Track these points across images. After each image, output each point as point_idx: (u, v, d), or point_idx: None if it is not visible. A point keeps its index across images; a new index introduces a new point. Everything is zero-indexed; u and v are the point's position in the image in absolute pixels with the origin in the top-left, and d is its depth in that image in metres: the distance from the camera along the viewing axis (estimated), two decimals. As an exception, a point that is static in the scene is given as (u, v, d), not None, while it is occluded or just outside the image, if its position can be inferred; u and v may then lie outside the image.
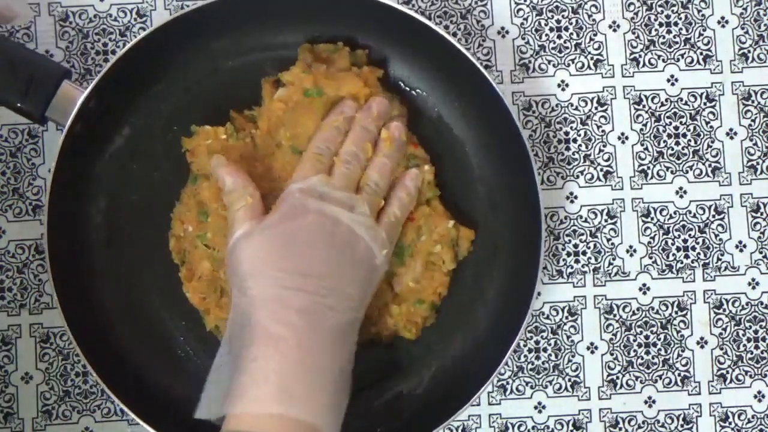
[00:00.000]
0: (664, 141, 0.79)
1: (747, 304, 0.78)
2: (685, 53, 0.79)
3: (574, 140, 0.79)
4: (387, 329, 0.74)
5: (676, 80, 0.79)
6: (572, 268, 0.78)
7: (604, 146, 0.79)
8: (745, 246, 0.78)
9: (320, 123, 0.72)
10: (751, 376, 0.78)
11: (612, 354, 0.78)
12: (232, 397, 0.62)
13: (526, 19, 0.79)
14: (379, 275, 0.69)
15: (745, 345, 0.78)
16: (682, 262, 0.78)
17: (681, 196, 0.79)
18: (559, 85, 0.79)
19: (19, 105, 0.68)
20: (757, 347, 0.78)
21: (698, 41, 0.79)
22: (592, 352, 0.78)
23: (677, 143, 0.79)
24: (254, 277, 0.65)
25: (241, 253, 0.66)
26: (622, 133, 0.79)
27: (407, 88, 0.76)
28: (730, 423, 0.78)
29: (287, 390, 0.62)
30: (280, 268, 0.65)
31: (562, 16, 0.79)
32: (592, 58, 0.79)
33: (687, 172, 0.79)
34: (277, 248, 0.66)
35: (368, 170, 0.71)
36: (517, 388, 0.78)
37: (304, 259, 0.65)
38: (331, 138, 0.70)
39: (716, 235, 0.78)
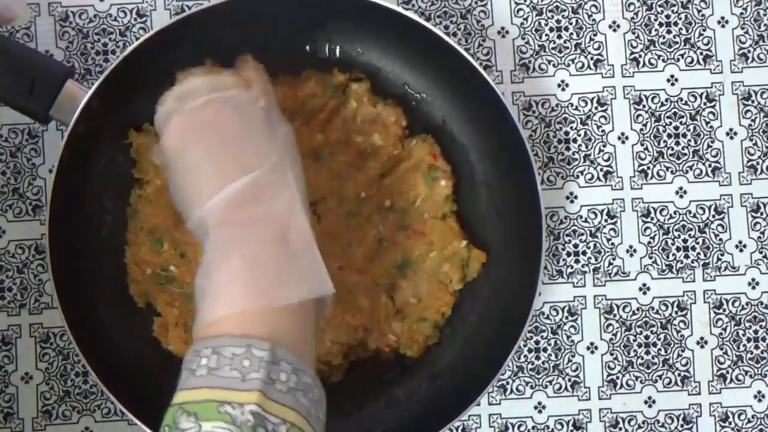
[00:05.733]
0: (664, 141, 0.79)
1: (747, 304, 0.78)
2: (685, 53, 0.79)
3: (574, 140, 0.79)
4: (388, 346, 0.74)
5: (676, 80, 0.79)
6: (572, 268, 0.78)
7: (604, 146, 0.79)
8: (745, 246, 0.79)
9: None
10: (751, 376, 0.78)
11: (612, 354, 0.78)
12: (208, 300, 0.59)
13: (526, 19, 0.79)
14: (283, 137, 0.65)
15: (745, 345, 0.78)
16: (682, 262, 0.78)
17: (681, 196, 0.79)
18: (559, 85, 0.79)
19: (23, 105, 0.68)
20: (757, 347, 0.78)
21: (698, 41, 0.79)
22: (592, 352, 0.78)
23: (677, 143, 0.79)
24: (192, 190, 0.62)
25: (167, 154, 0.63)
26: (622, 133, 0.79)
27: (411, 92, 0.76)
28: (730, 423, 0.78)
29: (263, 286, 0.59)
30: (215, 172, 0.61)
31: (562, 16, 0.79)
32: (592, 58, 0.79)
33: (687, 172, 0.79)
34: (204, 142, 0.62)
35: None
36: (517, 388, 0.78)
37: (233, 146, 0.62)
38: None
39: (716, 235, 0.79)
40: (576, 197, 0.78)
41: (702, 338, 0.78)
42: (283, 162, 0.63)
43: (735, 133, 0.79)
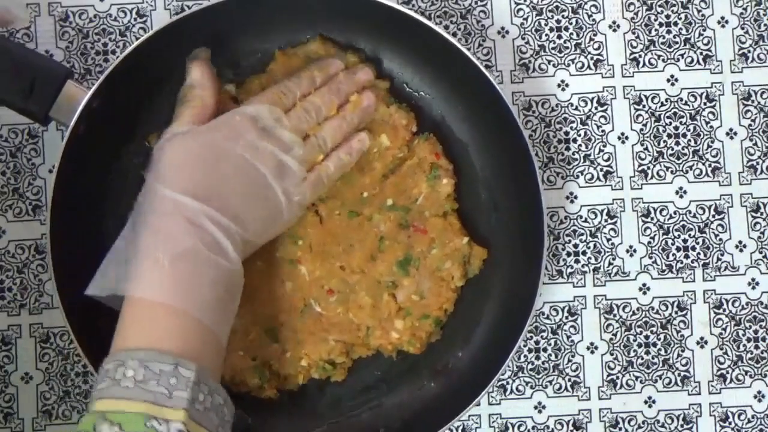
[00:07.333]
0: (664, 141, 0.79)
1: (747, 304, 0.78)
2: (685, 53, 0.79)
3: (574, 140, 0.79)
4: (390, 344, 0.74)
5: (676, 80, 0.79)
6: (572, 268, 0.78)
7: (604, 146, 0.79)
8: (745, 246, 0.79)
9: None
10: (751, 376, 0.78)
11: (612, 354, 0.78)
12: (130, 278, 0.64)
13: (526, 19, 0.79)
14: (284, 222, 0.70)
15: (745, 345, 0.78)
16: (682, 262, 0.78)
17: (681, 196, 0.79)
18: (559, 85, 0.79)
19: (22, 105, 0.68)
20: (757, 347, 0.78)
21: (698, 41, 0.79)
22: (592, 352, 0.78)
23: (677, 143, 0.79)
24: (170, 174, 0.65)
25: (167, 151, 0.66)
26: (622, 133, 0.79)
27: (410, 90, 0.76)
28: (730, 423, 0.78)
29: (177, 282, 0.63)
30: (193, 179, 0.65)
31: (562, 16, 0.79)
32: (592, 58, 0.79)
33: (687, 172, 0.79)
34: (199, 162, 0.66)
35: (323, 125, 0.71)
36: (517, 388, 0.78)
37: (217, 183, 0.66)
38: (301, 85, 0.71)
39: (716, 235, 0.79)
40: (576, 197, 0.78)
41: (702, 338, 0.78)
42: (251, 241, 0.67)
43: (735, 133, 0.79)
